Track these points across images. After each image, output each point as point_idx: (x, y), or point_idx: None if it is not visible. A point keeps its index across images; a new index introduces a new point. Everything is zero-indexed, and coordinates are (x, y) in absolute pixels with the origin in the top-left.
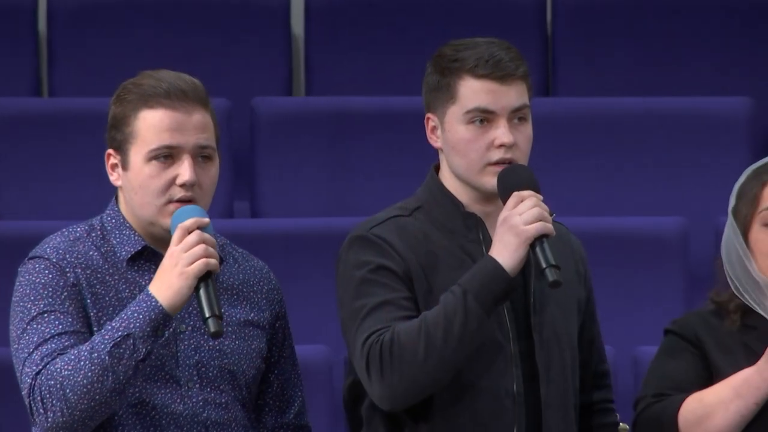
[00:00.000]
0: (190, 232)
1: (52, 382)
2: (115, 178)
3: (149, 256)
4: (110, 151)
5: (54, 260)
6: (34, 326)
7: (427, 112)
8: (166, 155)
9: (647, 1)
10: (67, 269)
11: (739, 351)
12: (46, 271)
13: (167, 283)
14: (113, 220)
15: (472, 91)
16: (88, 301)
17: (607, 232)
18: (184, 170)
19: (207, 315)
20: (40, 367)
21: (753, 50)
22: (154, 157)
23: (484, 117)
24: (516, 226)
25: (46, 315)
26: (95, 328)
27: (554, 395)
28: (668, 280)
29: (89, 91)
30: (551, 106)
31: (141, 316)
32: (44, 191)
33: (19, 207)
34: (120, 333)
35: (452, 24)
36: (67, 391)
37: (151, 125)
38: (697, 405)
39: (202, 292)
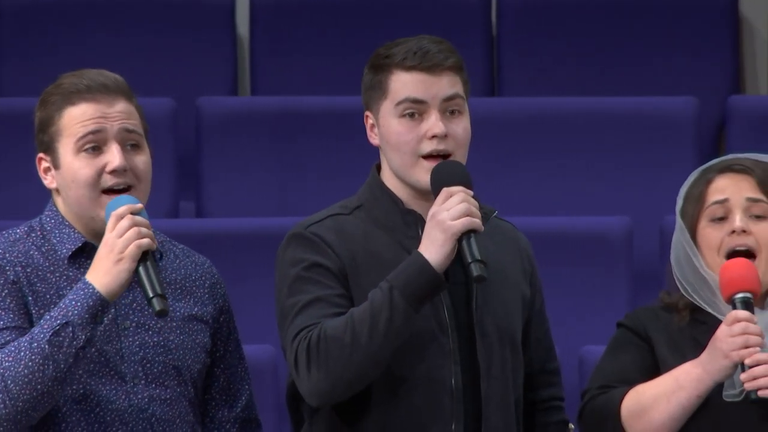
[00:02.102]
0: (122, 218)
1: None
2: (49, 181)
3: (90, 252)
4: (40, 155)
5: None
6: None
7: (365, 111)
8: (94, 146)
9: (592, 1)
10: (7, 267)
11: (687, 345)
12: None
13: (104, 270)
14: (52, 220)
15: (402, 83)
16: (29, 298)
17: (552, 232)
18: (113, 156)
19: (150, 295)
20: None
21: (698, 50)
22: (82, 148)
23: (415, 109)
24: (443, 222)
25: None
26: None
27: (495, 391)
28: (613, 279)
29: (38, 91)
30: (497, 105)
31: (79, 304)
32: None
33: None
34: (59, 321)
35: (397, 24)
36: (9, 382)
37: (74, 118)
38: (639, 396)
39: (142, 273)
